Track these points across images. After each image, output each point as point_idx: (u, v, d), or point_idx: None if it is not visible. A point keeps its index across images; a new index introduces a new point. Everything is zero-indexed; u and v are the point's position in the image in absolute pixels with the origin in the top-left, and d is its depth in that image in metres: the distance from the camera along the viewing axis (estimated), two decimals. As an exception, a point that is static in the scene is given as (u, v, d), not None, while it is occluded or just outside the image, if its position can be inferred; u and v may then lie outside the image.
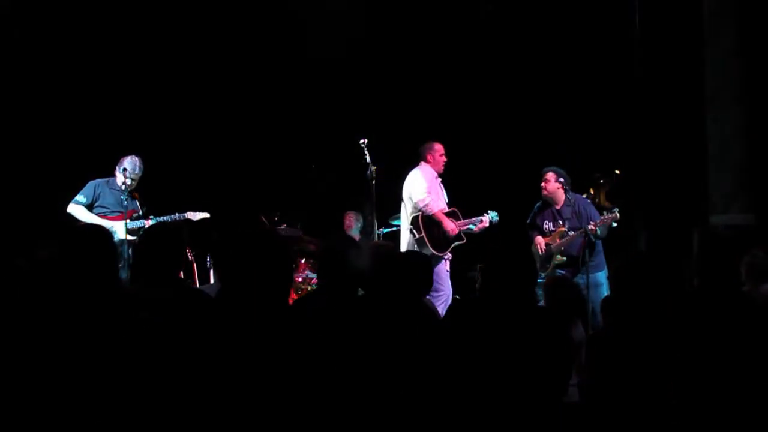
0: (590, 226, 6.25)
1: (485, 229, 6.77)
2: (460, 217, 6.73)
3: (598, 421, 3.11)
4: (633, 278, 3.11)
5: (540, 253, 6.58)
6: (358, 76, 8.55)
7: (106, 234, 3.01)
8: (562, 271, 6.48)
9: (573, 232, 6.40)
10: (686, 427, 3.01)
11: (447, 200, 6.84)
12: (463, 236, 6.68)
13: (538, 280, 5.04)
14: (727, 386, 3.03)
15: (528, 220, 6.85)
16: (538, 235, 6.69)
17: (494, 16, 8.52)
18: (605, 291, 6.02)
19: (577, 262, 6.38)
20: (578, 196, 6.66)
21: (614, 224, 6.30)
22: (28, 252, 3.43)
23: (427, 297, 4.44)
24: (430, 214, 6.55)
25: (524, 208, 8.17)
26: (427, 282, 3.71)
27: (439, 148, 6.78)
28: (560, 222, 6.54)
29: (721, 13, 7.18)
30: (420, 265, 3.68)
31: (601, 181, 7.74)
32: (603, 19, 8.05)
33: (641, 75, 7.75)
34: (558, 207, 6.62)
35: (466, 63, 8.59)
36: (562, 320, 3.67)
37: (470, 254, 6.55)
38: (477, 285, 3.45)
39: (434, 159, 6.75)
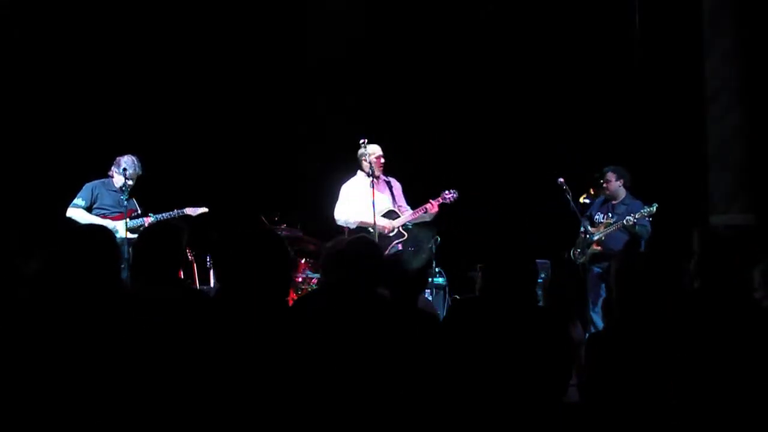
0: (628, 217, 6.56)
1: (437, 212, 6.69)
2: (400, 214, 6.71)
3: (598, 421, 3.10)
4: (633, 278, 3.11)
5: (582, 238, 6.89)
6: (359, 76, 8.54)
7: (107, 233, 3.00)
8: (600, 267, 6.70)
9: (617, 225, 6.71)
10: (686, 427, 3.01)
11: (394, 198, 6.78)
12: (404, 232, 6.66)
13: (538, 280, 5.05)
14: (727, 387, 3.03)
15: (587, 212, 7.08)
16: (588, 223, 6.95)
17: (495, 15, 8.51)
18: None
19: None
20: (637, 201, 6.87)
21: (650, 219, 6.63)
22: (26, 252, 3.42)
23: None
24: (353, 226, 6.58)
25: (525, 208, 8.19)
26: (421, 280, 3.71)
27: (374, 150, 6.68)
28: (610, 215, 6.83)
29: (721, 13, 7.19)
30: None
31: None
32: (603, 19, 8.05)
33: (641, 75, 7.76)
34: (615, 202, 6.94)
35: (466, 62, 8.58)
36: (562, 320, 3.67)
37: (470, 254, 6.54)
38: (477, 285, 3.45)
39: (369, 163, 6.63)
